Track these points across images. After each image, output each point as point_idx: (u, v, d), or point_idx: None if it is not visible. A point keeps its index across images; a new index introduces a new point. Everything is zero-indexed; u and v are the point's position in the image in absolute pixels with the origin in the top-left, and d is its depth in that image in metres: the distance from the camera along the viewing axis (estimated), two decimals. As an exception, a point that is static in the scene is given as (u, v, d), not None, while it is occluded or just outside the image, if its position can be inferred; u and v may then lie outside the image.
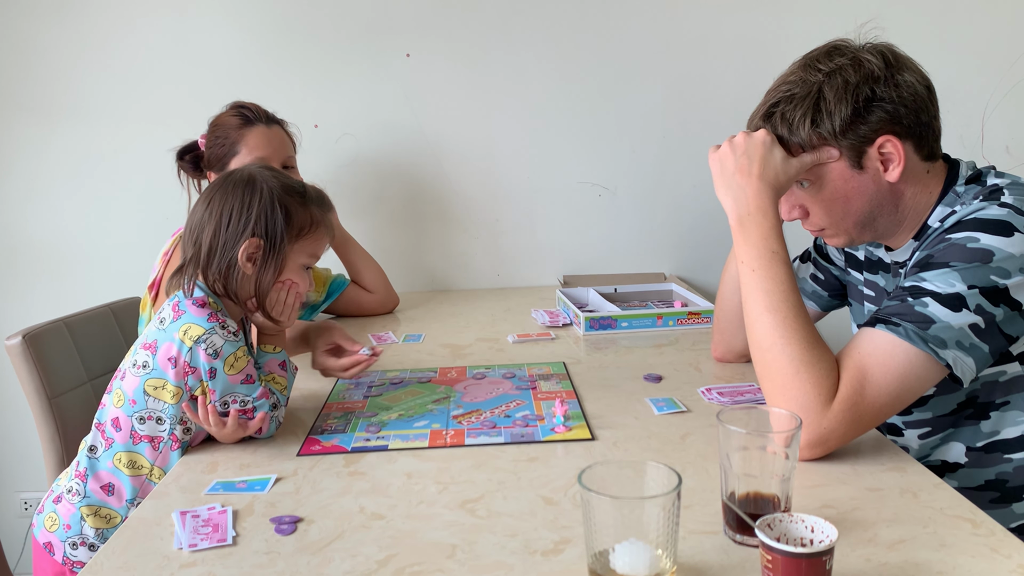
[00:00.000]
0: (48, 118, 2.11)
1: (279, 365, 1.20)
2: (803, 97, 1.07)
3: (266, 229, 1.14)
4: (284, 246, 1.15)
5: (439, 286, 2.28)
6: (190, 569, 0.83)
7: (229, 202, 1.14)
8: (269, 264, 1.15)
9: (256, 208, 1.13)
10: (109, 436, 1.14)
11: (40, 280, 2.18)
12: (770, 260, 1.04)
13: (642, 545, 0.71)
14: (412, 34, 2.12)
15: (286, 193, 1.16)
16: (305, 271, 1.20)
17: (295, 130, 1.75)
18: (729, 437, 0.84)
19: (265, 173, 1.18)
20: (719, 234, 2.12)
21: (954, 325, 0.96)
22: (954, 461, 1.16)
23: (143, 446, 1.13)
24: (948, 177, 1.12)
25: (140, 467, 1.14)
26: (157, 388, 1.11)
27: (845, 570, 0.77)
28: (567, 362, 1.48)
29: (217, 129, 1.66)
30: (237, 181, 1.16)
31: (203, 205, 1.16)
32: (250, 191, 1.15)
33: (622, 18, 2.14)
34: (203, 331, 1.09)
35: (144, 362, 1.12)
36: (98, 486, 1.14)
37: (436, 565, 0.81)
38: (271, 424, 1.16)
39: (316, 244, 1.20)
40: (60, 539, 1.15)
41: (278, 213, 1.14)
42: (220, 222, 1.13)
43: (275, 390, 1.17)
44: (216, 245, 1.13)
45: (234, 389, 1.12)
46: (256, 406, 1.13)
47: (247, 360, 1.13)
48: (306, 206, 1.18)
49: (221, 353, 1.10)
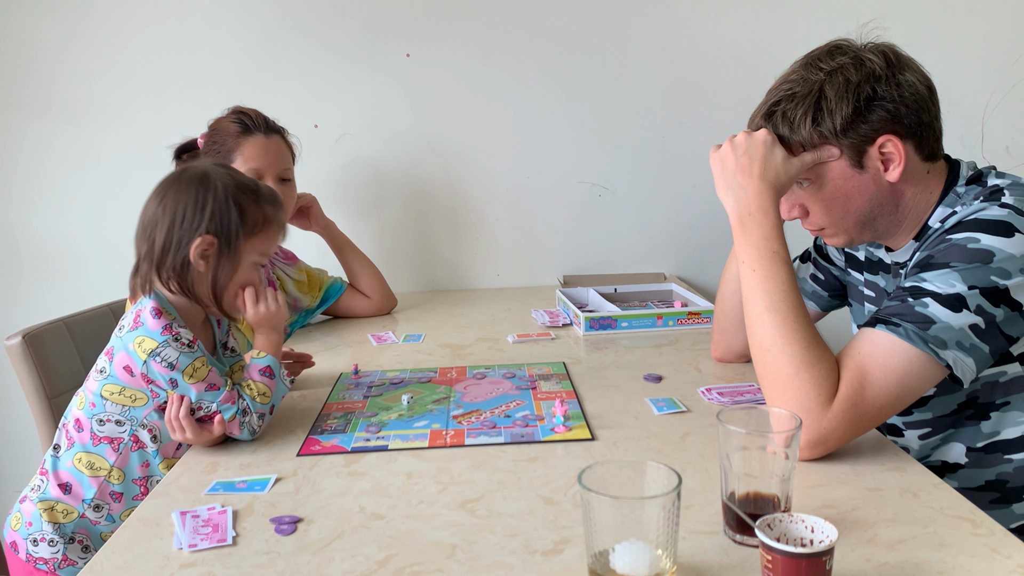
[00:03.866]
0: (48, 118, 2.11)
1: (261, 371, 1.17)
2: (804, 96, 1.07)
3: (220, 226, 1.13)
4: (238, 244, 1.14)
5: (439, 286, 2.28)
6: (190, 569, 0.83)
7: (183, 199, 1.13)
8: (223, 261, 1.14)
9: (211, 206, 1.13)
10: (71, 436, 1.16)
11: (40, 280, 2.18)
12: (771, 260, 1.04)
13: (642, 545, 0.71)
14: (412, 34, 2.12)
15: (240, 191, 1.16)
16: (257, 269, 1.20)
17: (295, 139, 1.74)
18: (729, 437, 0.84)
19: (219, 170, 1.17)
20: (719, 234, 2.13)
21: (954, 326, 0.96)
22: (954, 461, 1.16)
23: (103, 447, 1.14)
24: (949, 177, 1.12)
25: (99, 468, 1.15)
26: (113, 393, 1.12)
27: (845, 570, 0.77)
28: (567, 362, 1.48)
29: (215, 134, 1.65)
30: (191, 178, 1.15)
31: (156, 202, 1.14)
32: (204, 188, 1.13)
33: (622, 18, 2.14)
34: (156, 344, 1.08)
35: (102, 368, 1.13)
36: (56, 484, 1.15)
37: (436, 565, 0.81)
38: (243, 430, 1.13)
39: (268, 242, 1.20)
40: (23, 537, 1.16)
41: (232, 210, 1.14)
42: (174, 219, 1.12)
43: (246, 395, 1.14)
44: (170, 243, 1.12)
45: (201, 397, 1.11)
46: (221, 410, 1.11)
47: (207, 369, 1.11)
48: (259, 204, 1.17)
49: (177, 365, 1.09)
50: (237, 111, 1.67)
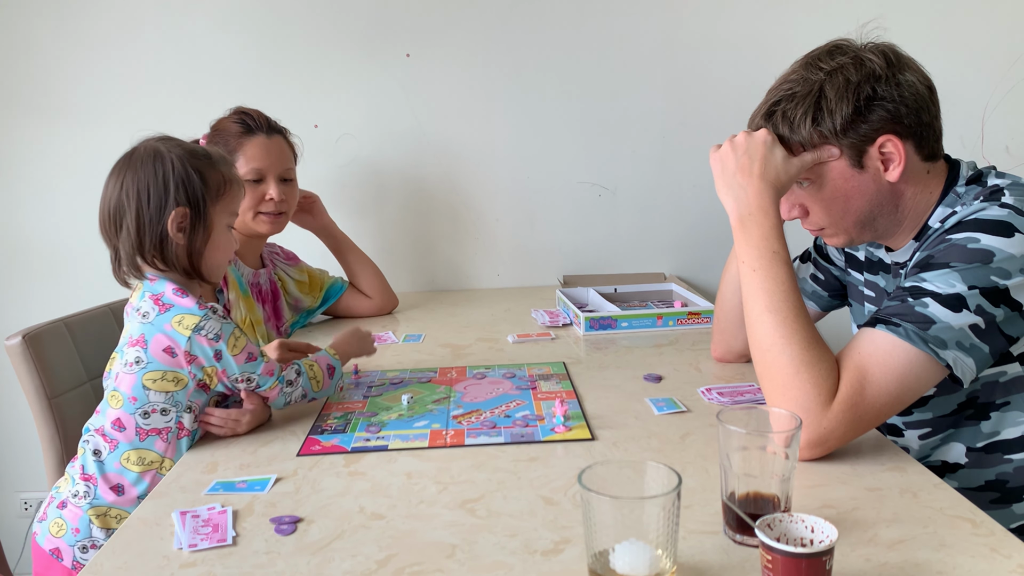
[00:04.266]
0: (48, 118, 2.11)
1: (328, 365, 1.27)
2: (804, 95, 1.07)
3: (187, 196, 1.15)
4: (207, 209, 1.17)
5: (439, 286, 2.28)
6: (190, 569, 0.83)
7: (143, 178, 1.14)
8: (198, 229, 1.16)
9: (172, 178, 1.14)
10: (112, 438, 1.15)
11: (40, 280, 2.18)
12: (771, 260, 1.04)
13: (642, 545, 0.71)
14: (412, 34, 2.12)
15: (194, 157, 1.18)
16: (229, 231, 1.23)
17: (297, 140, 1.74)
18: (729, 437, 0.84)
19: (168, 142, 1.19)
20: (719, 234, 2.12)
21: (954, 325, 0.96)
22: (954, 461, 1.16)
23: (152, 440, 1.15)
24: (949, 177, 1.12)
25: (150, 462, 1.15)
26: (155, 380, 1.13)
27: (845, 570, 0.77)
28: (567, 362, 1.48)
29: (217, 134, 1.65)
30: (143, 157, 1.16)
31: (116, 187, 1.15)
32: (160, 163, 1.15)
33: (622, 18, 2.14)
34: (199, 319, 1.12)
35: (136, 358, 1.13)
36: (107, 487, 1.15)
37: (436, 565, 0.81)
38: (281, 398, 1.20)
39: (233, 201, 1.23)
40: (69, 544, 1.15)
41: (194, 178, 1.16)
42: (140, 200, 1.14)
43: (304, 371, 1.22)
44: (143, 223, 1.14)
45: (242, 368, 1.15)
46: (260, 383, 1.17)
47: (245, 339, 1.16)
48: (215, 167, 1.20)
49: (222, 336, 1.13)
50: (239, 111, 1.67)
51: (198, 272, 1.19)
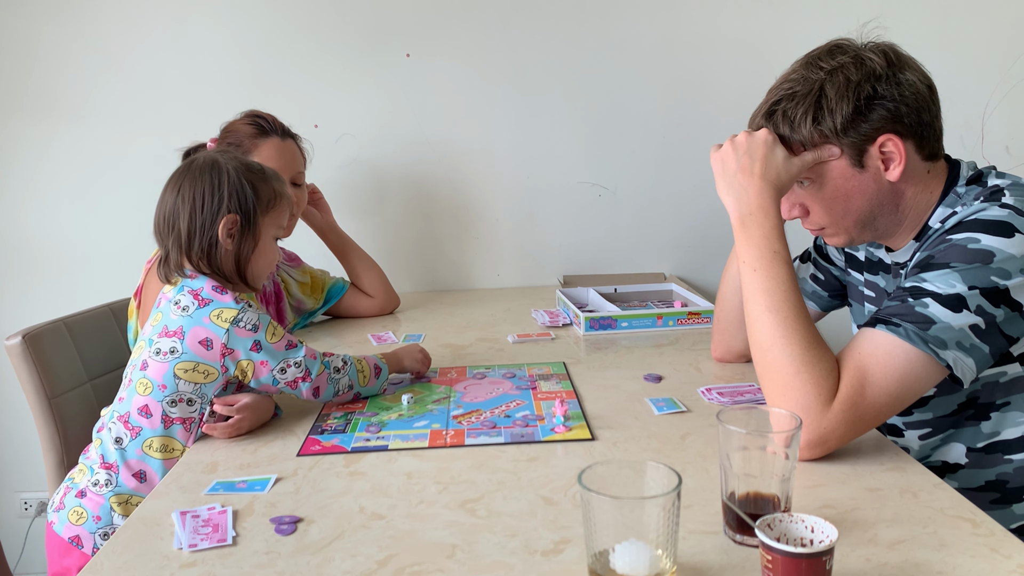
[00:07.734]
0: (48, 118, 2.11)
1: (376, 365, 1.31)
2: (805, 95, 1.07)
3: (239, 205, 1.21)
4: (256, 219, 1.23)
5: (439, 286, 2.28)
6: (190, 569, 0.83)
7: (199, 186, 1.20)
8: (246, 237, 1.23)
9: (227, 187, 1.21)
10: (136, 425, 1.18)
11: (40, 280, 2.18)
12: (771, 260, 1.04)
13: (642, 545, 0.71)
14: (412, 34, 2.12)
15: (249, 171, 1.24)
16: (275, 242, 1.29)
17: (308, 144, 1.74)
18: (729, 437, 0.84)
19: (225, 155, 1.25)
20: (719, 234, 2.13)
21: (954, 326, 0.96)
22: (954, 462, 1.16)
23: (175, 428, 1.18)
24: (949, 177, 1.12)
25: (173, 450, 1.18)
26: (187, 371, 1.16)
27: (845, 570, 0.77)
28: (567, 362, 1.48)
29: (230, 136, 1.64)
30: (202, 166, 1.22)
31: (173, 193, 1.22)
32: (217, 173, 1.21)
33: (622, 18, 2.14)
34: (236, 312, 1.17)
35: (171, 348, 1.16)
36: (130, 474, 1.18)
37: (436, 565, 0.81)
38: (330, 384, 1.24)
39: (281, 215, 1.28)
40: (90, 531, 1.18)
41: (247, 189, 1.22)
42: (194, 205, 1.20)
43: (352, 364, 1.27)
44: (195, 227, 1.20)
45: (285, 355, 1.19)
46: (307, 367, 1.20)
47: (283, 330, 1.21)
48: (267, 181, 1.26)
49: (260, 326, 1.17)
50: (252, 114, 1.67)
51: (243, 277, 1.24)
